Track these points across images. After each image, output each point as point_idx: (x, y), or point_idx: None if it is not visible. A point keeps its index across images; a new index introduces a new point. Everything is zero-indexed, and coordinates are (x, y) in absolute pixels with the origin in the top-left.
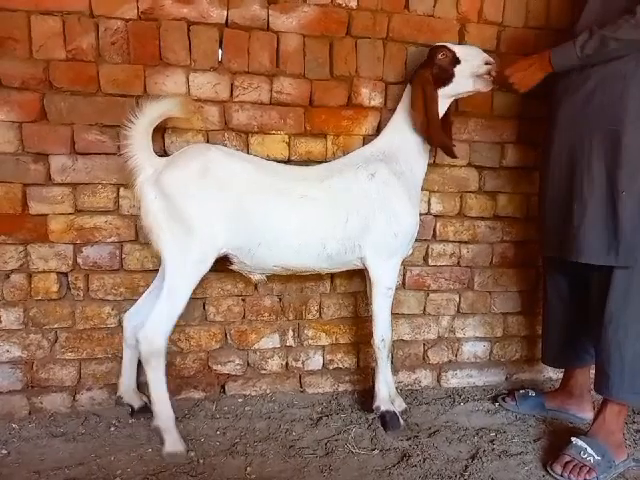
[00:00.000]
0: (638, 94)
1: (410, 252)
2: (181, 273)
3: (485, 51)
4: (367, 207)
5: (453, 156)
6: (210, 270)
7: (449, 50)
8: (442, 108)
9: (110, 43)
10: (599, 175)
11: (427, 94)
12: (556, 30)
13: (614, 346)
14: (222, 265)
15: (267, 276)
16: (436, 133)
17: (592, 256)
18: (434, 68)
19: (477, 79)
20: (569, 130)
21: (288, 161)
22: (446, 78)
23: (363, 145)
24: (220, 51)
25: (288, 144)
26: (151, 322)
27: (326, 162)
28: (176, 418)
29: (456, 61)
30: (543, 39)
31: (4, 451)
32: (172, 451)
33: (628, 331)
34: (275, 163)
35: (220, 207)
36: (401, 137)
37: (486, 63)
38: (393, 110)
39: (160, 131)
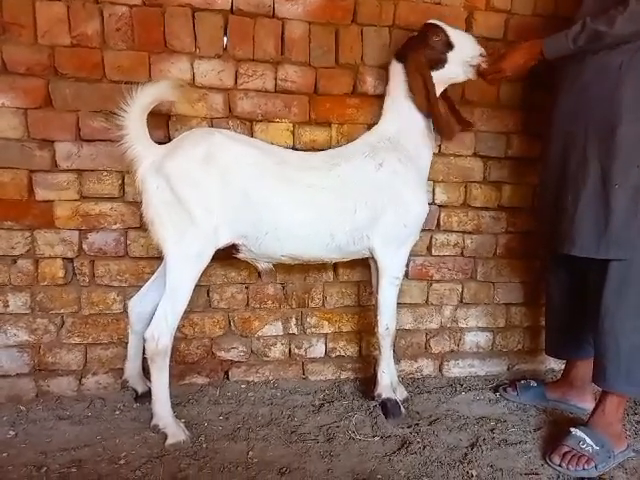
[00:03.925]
0: (632, 86)
1: (417, 238)
2: (182, 269)
3: (486, 39)
4: (376, 198)
5: (451, 134)
6: (214, 258)
7: (444, 33)
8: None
9: (115, 29)
10: (593, 168)
11: (425, 76)
12: (565, 18)
13: (610, 338)
14: (226, 253)
15: (273, 264)
16: (439, 113)
17: (583, 249)
18: (427, 49)
19: (468, 67)
20: (566, 123)
21: (292, 149)
22: (439, 62)
23: None
24: (225, 38)
25: (292, 132)
26: (156, 321)
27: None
28: (180, 403)
29: (449, 46)
30: (551, 27)
31: (12, 432)
32: (175, 442)
33: (624, 323)
34: (280, 148)
35: (225, 194)
36: (402, 121)
37: (481, 55)
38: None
39: (164, 119)
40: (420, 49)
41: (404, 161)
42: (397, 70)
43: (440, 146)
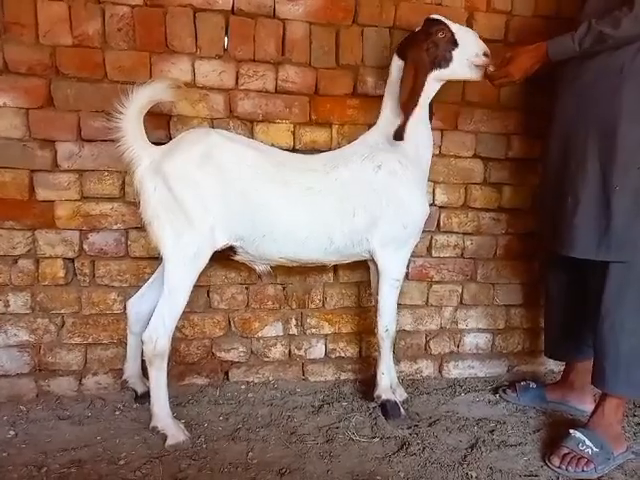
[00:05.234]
0: (633, 88)
1: (418, 240)
2: (180, 270)
3: (487, 40)
4: (374, 201)
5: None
6: (214, 259)
7: (448, 29)
8: (432, 92)
9: (116, 29)
10: (593, 170)
11: (418, 76)
12: (566, 19)
13: (610, 340)
14: (223, 255)
15: (271, 266)
16: (407, 118)
17: (584, 251)
18: (430, 47)
19: (473, 67)
20: (566, 124)
21: (293, 150)
22: (443, 60)
23: None
24: (226, 38)
25: (293, 133)
26: (154, 324)
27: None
28: (180, 403)
29: (454, 43)
30: (553, 28)
31: (12, 432)
32: (175, 442)
33: (624, 325)
34: (278, 150)
35: (222, 195)
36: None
37: (484, 54)
38: None
39: (165, 119)
40: (423, 46)
41: (404, 162)
42: (398, 67)
43: (440, 147)
